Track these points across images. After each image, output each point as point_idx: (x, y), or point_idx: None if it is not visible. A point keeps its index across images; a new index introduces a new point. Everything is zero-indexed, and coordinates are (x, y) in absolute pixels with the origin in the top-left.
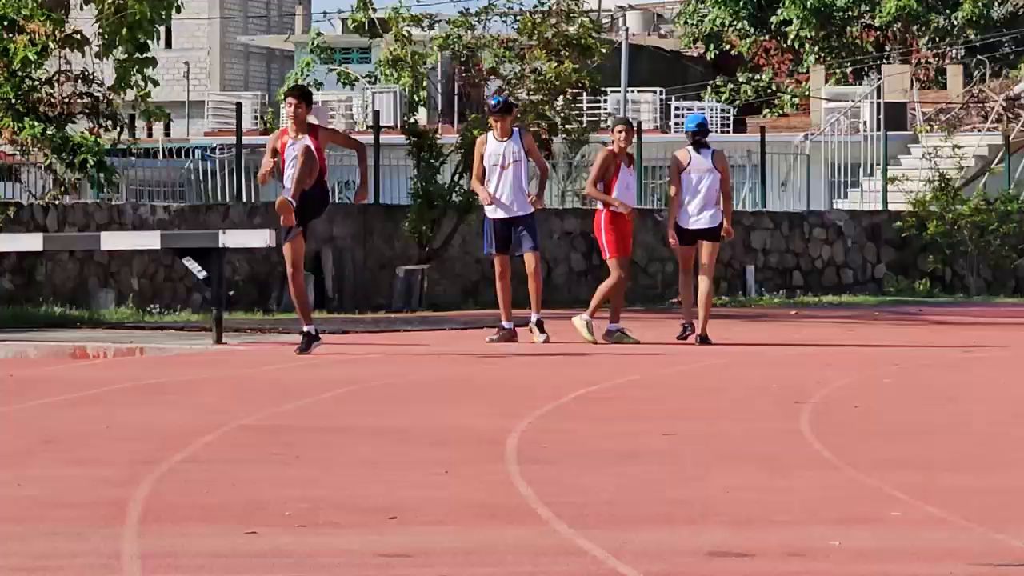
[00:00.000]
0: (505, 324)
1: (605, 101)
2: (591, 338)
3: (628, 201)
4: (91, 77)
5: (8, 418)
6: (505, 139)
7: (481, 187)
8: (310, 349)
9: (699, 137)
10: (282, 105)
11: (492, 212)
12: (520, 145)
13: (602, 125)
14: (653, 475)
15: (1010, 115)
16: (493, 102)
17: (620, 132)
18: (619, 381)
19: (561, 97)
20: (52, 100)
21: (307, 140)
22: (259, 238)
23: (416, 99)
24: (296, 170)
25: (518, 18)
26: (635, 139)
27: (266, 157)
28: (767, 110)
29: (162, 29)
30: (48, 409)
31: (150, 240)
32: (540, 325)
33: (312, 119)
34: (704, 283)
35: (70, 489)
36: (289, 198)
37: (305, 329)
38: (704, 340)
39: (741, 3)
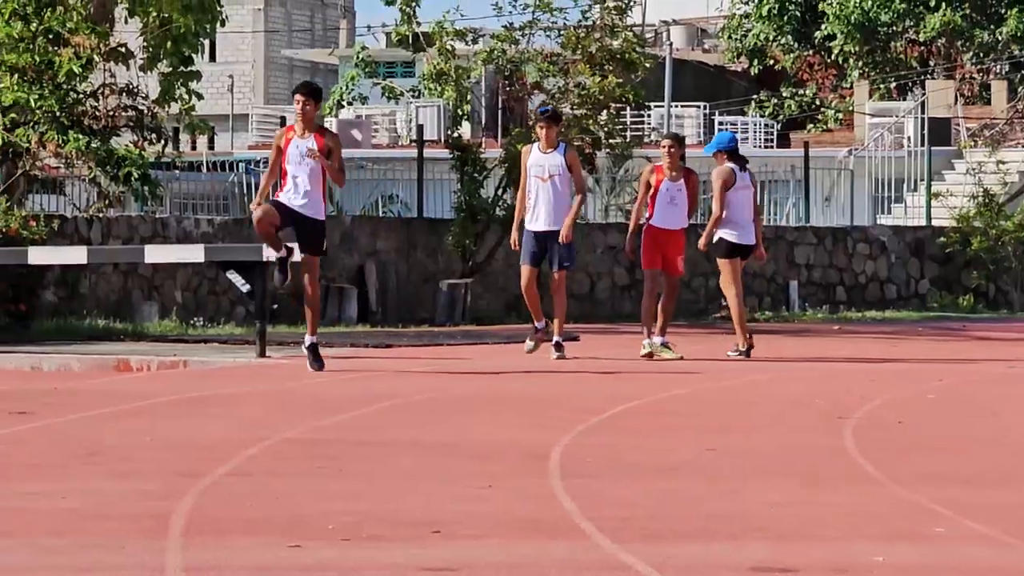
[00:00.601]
0: (538, 325)
1: (649, 116)
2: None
3: (672, 216)
4: (136, 90)
5: (52, 431)
6: (549, 151)
7: (518, 215)
8: (319, 358)
9: (737, 154)
10: (293, 104)
11: (530, 223)
12: (563, 159)
13: (645, 140)
14: (695, 490)
15: None
16: (542, 109)
17: (664, 147)
18: (661, 396)
19: (605, 112)
20: (97, 113)
21: (312, 140)
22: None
23: (460, 113)
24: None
25: (562, 32)
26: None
27: (272, 158)
28: (811, 125)
29: (206, 42)
30: (91, 422)
31: (194, 253)
32: (558, 347)
33: (356, 134)
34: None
35: (113, 502)
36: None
37: (309, 342)
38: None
39: (785, 18)
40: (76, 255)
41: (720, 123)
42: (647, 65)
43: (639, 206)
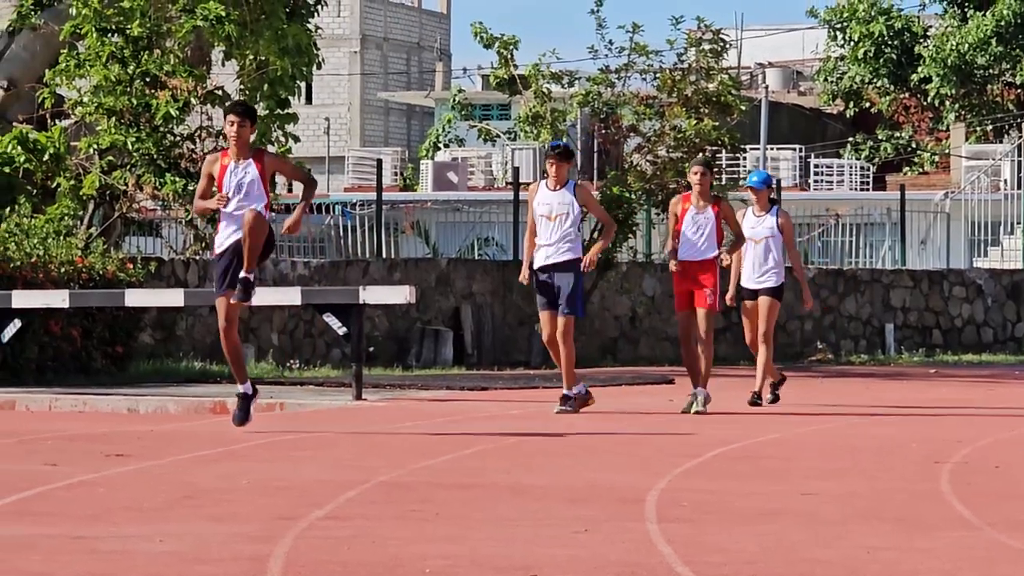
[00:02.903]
0: (568, 392)
1: (744, 158)
2: (696, 407)
3: (696, 245)
4: None
5: (149, 473)
6: (558, 188)
7: (527, 253)
8: (248, 413)
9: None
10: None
11: (538, 262)
12: (572, 196)
13: (741, 183)
14: (793, 534)
15: None
16: (553, 144)
17: (695, 174)
18: (756, 440)
19: (700, 155)
20: (194, 155)
21: (251, 166)
22: (399, 295)
23: None
24: (247, 241)
25: (658, 75)
26: (712, 181)
27: (201, 187)
28: (907, 168)
29: (303, 85)
30: (188, 464)
31: (291, 296)
32: (564, 399)
33: (453, 177)
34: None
35: (211, 545)
36: (249, 275)
37: (239, 391)
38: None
39: (881, 60)
40: (173, 297)
41: (816, 166)
42: (743, 108)
43: (671, 243)
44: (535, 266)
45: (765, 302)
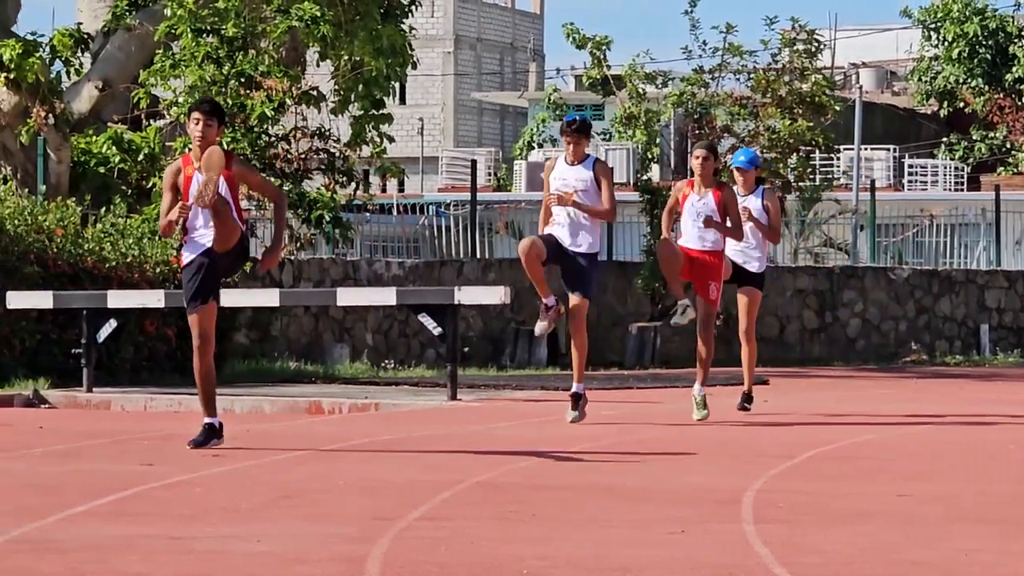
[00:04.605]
0: (547, 302)
1: (838, 159)
2: (703, 413)
3: (691, 235)
4: (327, 133)
5: (245, 473)
6: (576, 164)
7: (541, 228)
8: (207, 444)
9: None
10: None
11: (551, 228)
12: (591, 172)
13: (835, 183)
14: (890, 536)
15: None
16: (568, 118)
17: (697, 158)
18: (852, 441)
19: (795, 155)
20: (288, 156)
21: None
22: (494, 295)
23: (649, 156)
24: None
25: (752, 76)
26: (714, 165)
27: (165, 202)
28: (1001, 168)
29: (397, 85)
30: (284, 464)
31: (386, 296)
32: (577, 399)
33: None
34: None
35: (307, 545)
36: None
37: (207, 421)
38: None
39: (975, 60)
40: (268, 298)
41: (910, 166)
42: (837, 108)
43: (665, 217)
44: (548, 230)
45: (745, 297)
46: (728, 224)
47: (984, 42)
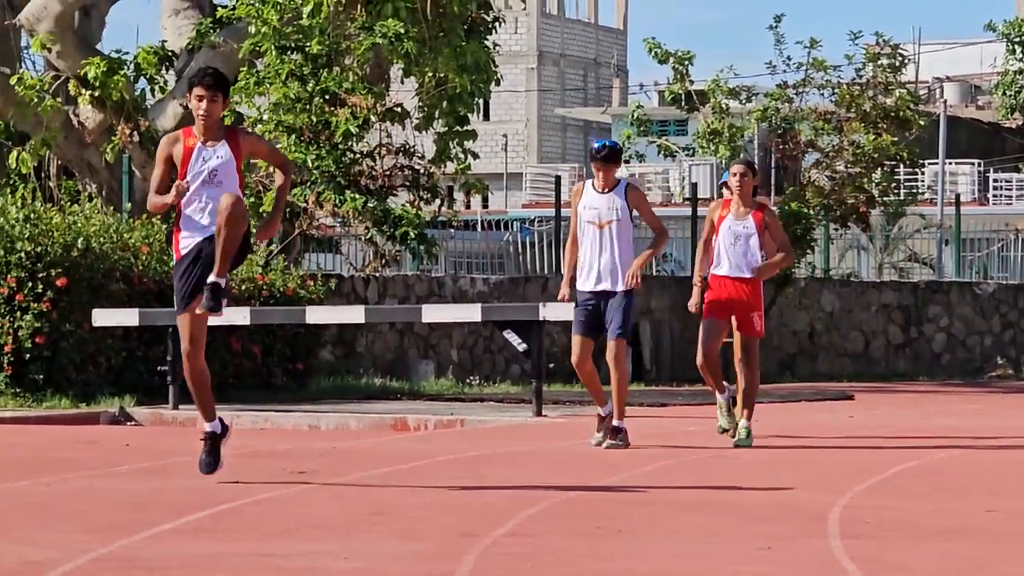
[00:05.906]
0: (601, 411)
1: (923, 173)
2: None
3: (733, 260)
4: (412, 150)
5: (333, 490)
6: (606, 191)
7: (568, 264)
8: (219, 458)
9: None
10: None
11: (582, 281)
12: (624, 200)
13: (919, 198)
14: (978, 552)
15: None
16: (597, 145)
17: (734, 175)
18: (940, 456)
19: (879, 170)
20: (373, 173)
21: (223, 147)
22: None
23: None
24: (222, 233)
25: (836, 90)
26: (753, 183)
27: (157, 175)
28: None
29: (481, 102)
30: (371, 481)
31: (471, 312)
32: (616, 432)
33: (628, 179)
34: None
35: (396, 562)
36: (220, 280)
37: (208, 430)
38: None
39: None
40: (354, 314)
41: (995, 180)
42: (921, 122)
43: (702, 252)
44: (580, 287)
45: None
46: (771, 249)
47: None
